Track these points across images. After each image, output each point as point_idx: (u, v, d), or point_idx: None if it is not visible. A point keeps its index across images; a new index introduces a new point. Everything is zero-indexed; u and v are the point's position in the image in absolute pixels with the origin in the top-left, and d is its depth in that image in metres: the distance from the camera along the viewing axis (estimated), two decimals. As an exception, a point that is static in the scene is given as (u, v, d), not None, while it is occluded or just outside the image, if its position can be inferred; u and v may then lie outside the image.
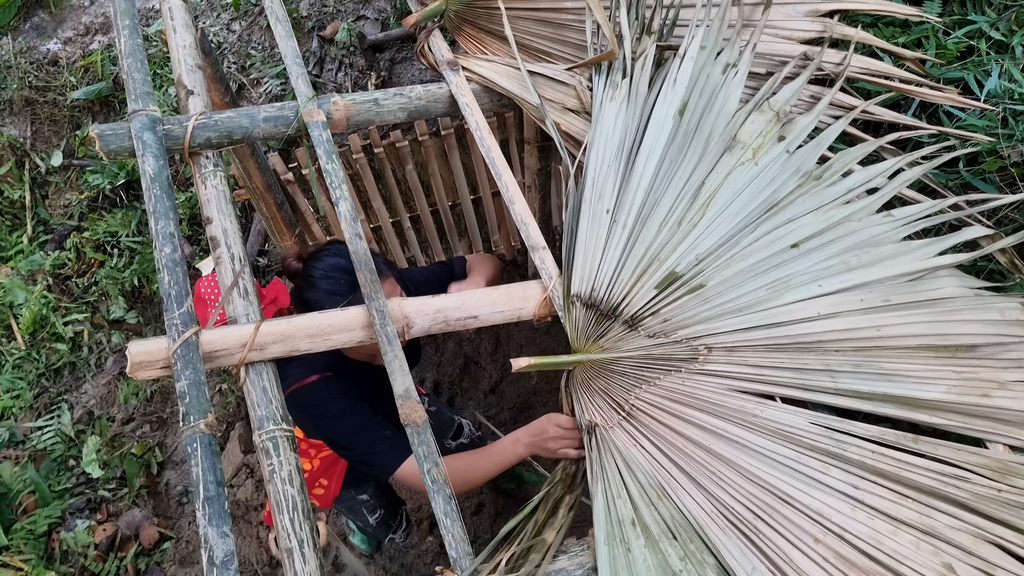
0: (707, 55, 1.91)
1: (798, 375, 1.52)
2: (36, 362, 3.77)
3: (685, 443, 1.46)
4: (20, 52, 4.07)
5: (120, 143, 1.72)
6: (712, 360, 1.55)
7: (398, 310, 1.60)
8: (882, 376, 1.51)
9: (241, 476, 3.44)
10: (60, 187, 4.11)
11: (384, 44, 3.68)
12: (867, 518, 1.35)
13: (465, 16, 2.20)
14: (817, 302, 1.60)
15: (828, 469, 1.40)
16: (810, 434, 1.45)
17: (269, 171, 2.61)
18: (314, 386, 1.87)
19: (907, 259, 1.66)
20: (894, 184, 1.74)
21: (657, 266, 1.65)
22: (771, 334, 1.57)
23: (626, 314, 1.61)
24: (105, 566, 3.30)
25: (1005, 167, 1.88)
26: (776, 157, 1.77)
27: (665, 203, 1.72)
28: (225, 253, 1.62)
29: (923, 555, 1.30)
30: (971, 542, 1.32)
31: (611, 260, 1.66)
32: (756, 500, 1.37)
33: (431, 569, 3.14)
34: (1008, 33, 2.02)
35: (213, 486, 1.29)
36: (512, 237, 3.34)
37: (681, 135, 1.80)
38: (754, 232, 1.68)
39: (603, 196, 1.73)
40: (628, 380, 1.56)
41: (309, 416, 1.92)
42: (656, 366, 1.56)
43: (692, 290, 1.62)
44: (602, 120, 1.84)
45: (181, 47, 1.92)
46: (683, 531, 1.36)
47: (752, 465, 1.41)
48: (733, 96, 1.84)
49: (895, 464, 1.40)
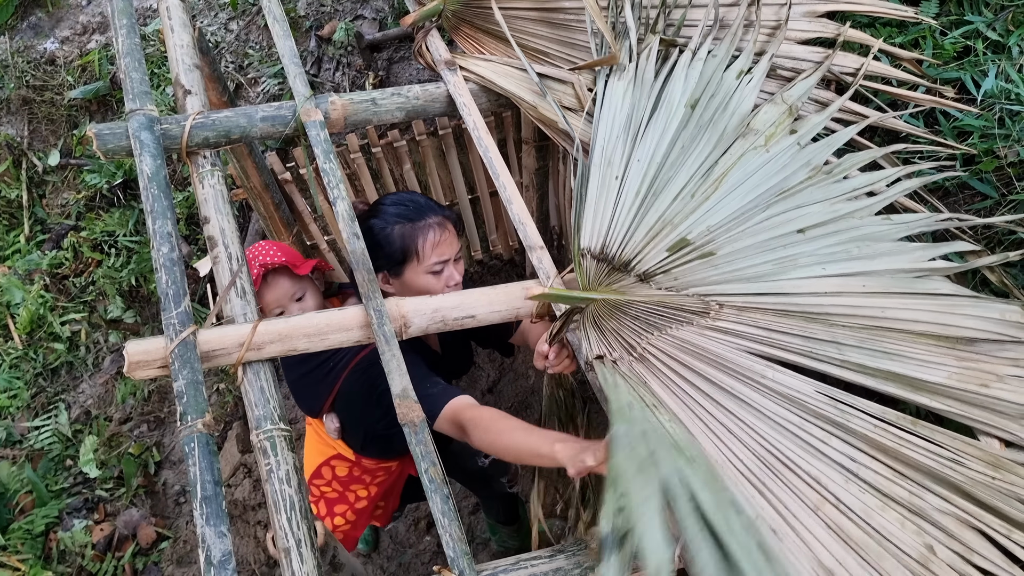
0: (719, 61, 1.93)
1: (805, 343, 1.54)
2: (33, 362, 3.77)
3: (694, 393, 1.47)
4: (17, 51, 4.06)
5: (117, 142, 1.72)
6: (723, 316, 1.57)
7: (395, 309, 1.60)
8: (886, 355, 1.53)
9: (239, 476, 3.43)
10: (57, 186, 4.10)
11: (382, 44, 3.68)
12: (859, 491, 1.36)
13: (463, 16, 2.20)
14: (822, 281, 1.63)
15: (829, 439, 1.42)
16: (816, 402, 1.46)
17: (267, 170, 2.61)
18: (375, 352, 1.82)
19: (905, 258, 1.70)
20: (892, 192, 1.79)
21: (670, 231, 1.69)
22: (780, 300, 1.60)
23: (638, 269, 1.64)
24: (103, 566, 3.30)
25: (1002, 167, 1.88)
26: (787, 148, 1.82)
27: (679, 178, 1.76)
28: (223, 252, 1.62)
29: (907, 534, 1.33)
30: (955, 526, 1.34)
31: (623, 222, 1.69)
32: (760, 460, 1.39)
33: (429, 568, 3.14)
34: (1005, 33, 2.03)
35: (211, 486, 1.29)
36: (510, 237, 3.34)
37: (694, 124, 1.84)
38: (764, 212, 1.73)
39: (612, 163, 1.77)
40: (640, 324, 1.56)
41: (370, 382, 1.83)
42: (669, 315, 1.57)
43: (703, 256, 1.65)
44: (609, 96, 1.87)
45: (179, 46, 1.92)
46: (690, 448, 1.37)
47: (757, 426, 1.43)
48: (748, 99, 1.89)
49: (895, 440, 1.42)
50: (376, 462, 2.12)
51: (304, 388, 2.03)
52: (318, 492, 2.20)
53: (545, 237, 2.55)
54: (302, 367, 1.99)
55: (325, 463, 2.16)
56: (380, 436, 1.93)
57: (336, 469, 2.16)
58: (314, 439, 2.21)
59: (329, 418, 2.05)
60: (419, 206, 1.84)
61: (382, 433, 1.90)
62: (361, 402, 1.90)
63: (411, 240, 1.81)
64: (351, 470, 2.15)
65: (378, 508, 2.29)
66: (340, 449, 2.11)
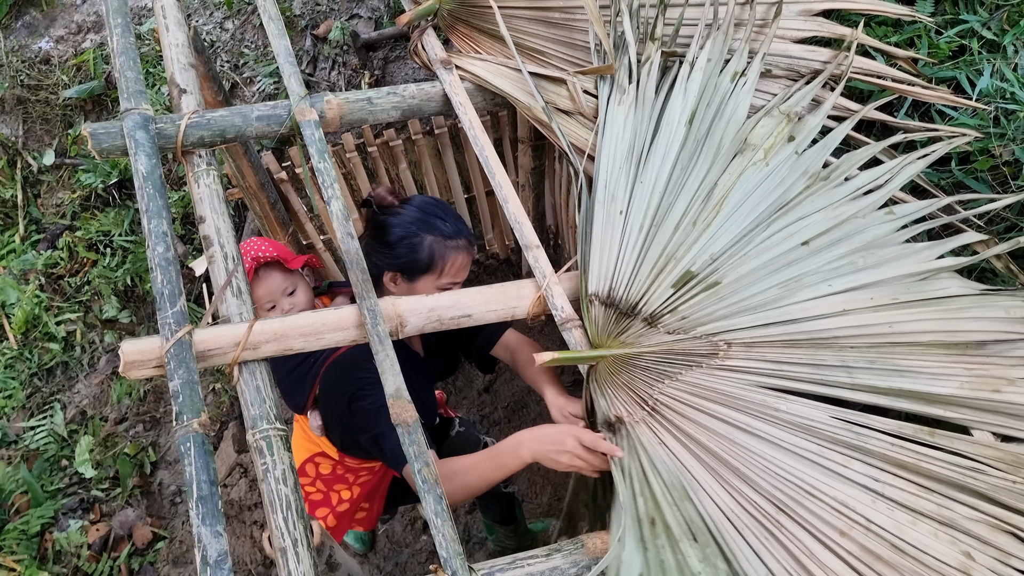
0: (714, 65, 1.93)
1: (816, 371, 1.54)
2: (28, 362, 3.76)
3: (709, 437, 1.47)
4: (11, 50, 4.05)
5: (112, 142, 1.72)
6: (732, 355, 1.57)
7: (391, 309, 1.60)
8: (896, 372, 1.54)
9: (235, 476, 3.43)
10: (52, 186, 4.09)
11: (377, 43, 3.68)
12: (887, 509, 1.37)
13: (458, 15, 2.19)
14: (829, 300, 1.63)
15: (850, 462, 1.42)
16: (831, 427, 1.47)
17: (262, 170, 2.60)
18: (356, 350, 1.79)
19: (910, 261, 1.70)
20: (895, 182, 1.79)
21: (673, 265, 1.68)
22: (787, 330, 1.60)
23: (645, 312, 1.64)
24: (98, 566, 3.29)
25: (997, 166, 1.89)
26: (786, 158, 1.82)
27: (680, 204, 1.76)
28: (218, 252, 1.61)
29: (942, 545, 1.33)
30: (987, 531, 1.35)
31: (628, 260, 1.69)
32: (780, 493, 1.39)
33: (425, 568, 3.14)
34: (1000, 32, 2.03)
35: (207, 485, 1.29)
36: (506, 236, 3.34)
37: (692, 141, 1.84)
38: (766, 230, 1.73)
39: (616, 197, 1.76)
40: (651, 375, 1.56)
41: (344, 383, 1.83)
42: (678, 360, 1.58)
43: (708, 288, 1.65)
44: (610, 124, 1.86)
45: (174, 45, 1.92)
46: (701, 534, 1.36)
47: (775, 459, 1.43)
48: (743, 105, 1.88)
49: (915, 456, 1.43)
50: (359, 461, 2.12)
51: (290, 384, 2.04)
52: (303, 492, 2.19)
53: (541, 236, 2.55)
54: (289, 363, 1.99)
55: (309, 459, 2.16)
56: (358, 443, 1.94)
57: (320, 467, 2.16)
58: (300, 435, 2.20)
59: (313, 415, 2.05)
60: (456, 225, 1.87)
61: (360, 442, 1.91)
62: (338, 406, 1.90)
63: (440, 256, 1.82)
64: (335, 468, 2.14)
65: (361, 510, 2.28)
66: (324, 447, 2.11)
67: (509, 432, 3.34)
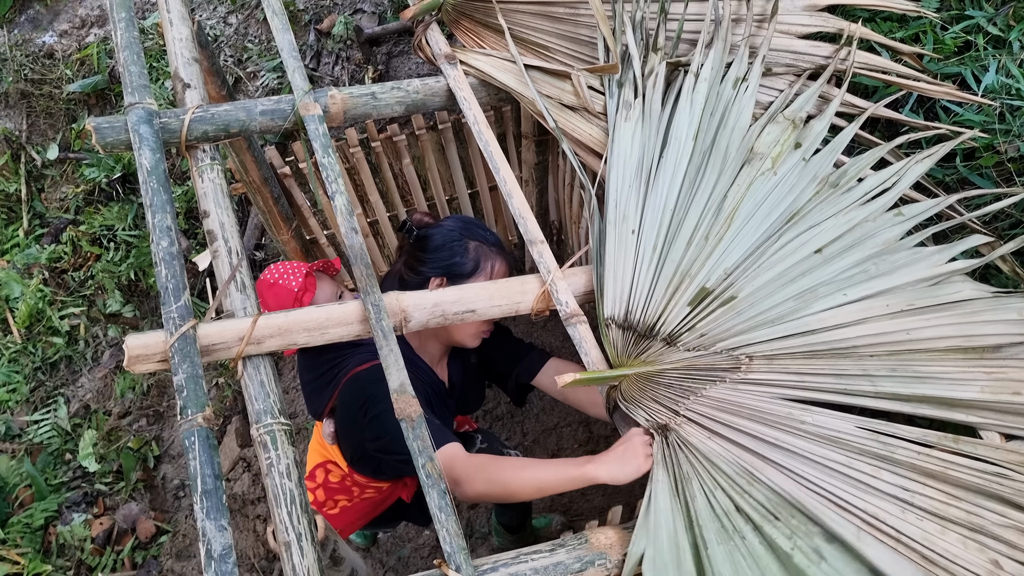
0: (716, 73, 1.92)
1: (838, 380, 1.53)
2: (32, 356, 3.77)
3: (737, 451, 1.46)
4: (15, 45, 4.05)
5: (116, 136, 1.72)
6: (754, 369, 1.56)
7: (395, 304, 1.60)
8: (918, 378, 1.52)
9: (238, 470, 3.44)
10: (56, 180, 4.10)
11: (381, 38, 3.67)
12: (917, 520, 1.35)
13: (463, 9, 2.19)
14: (846, 309, 1.62)
15: (878, 472, 1.41)
16: (858, 438, 1.45)
17: (266, 165, 2.60)
18: (377, 366, 1.71)
19: (922, 266, 1.69)
20: (903, 183, 1.79)
21: (688, 282, 1.67)
22: (807, 341, 1.59)
23: (663, 332, 1.62)
24: (102, 560, 3.30)
25: (1002, 162, 1.88)
26: (794, 165, 1.81)
27: (690, 220, 1.74)
28: (222, 247, 1.62)
29: (971, 553, 1.31)
30: (1017, 537, 1.33)
31: (643, 281, 1.67)
32: (811, 506, 1.37)
33: (428, 563, 3.15)
34: (1006, 28, 2.02)
35: (211, 480, 1.29)
36: (509, 231, 3.34)
37: (699, 153, 1.82)
38: (778, 241, 1.71)
39: (627, 217, 1.75)
40: (674, 391, 1.55)
41: (364, 398, 1.83)
42: (700, 376, 1.56)
43: (724, 303, 1.64)
44: (618, 141, 1.84)
45: (177, 40, 1.91)
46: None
47: (805, 472, 1.41)
48: (746, 111, 1.87)
49: (942, 464, 1.41)
50: (368, 480, 2.10)
51: (313, 391, 2.07)
52: None
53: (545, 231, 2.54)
54: (315, 371, 2.02)
55: (321, 465, 2.16)
56: (369, 456, 1.93)
57: (330, 475, 2.15)
58: (316, 440, 2.21)
59: (327, 422, 2.06)
60: (497, 238, 1.99)
61: (371, 454, 1.90)
62: (354, 417, 1.91)
63: (486, 260, 1.92)
64: (343, 479, 2.14)
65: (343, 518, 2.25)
66: (335, 456, 2.11)
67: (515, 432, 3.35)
